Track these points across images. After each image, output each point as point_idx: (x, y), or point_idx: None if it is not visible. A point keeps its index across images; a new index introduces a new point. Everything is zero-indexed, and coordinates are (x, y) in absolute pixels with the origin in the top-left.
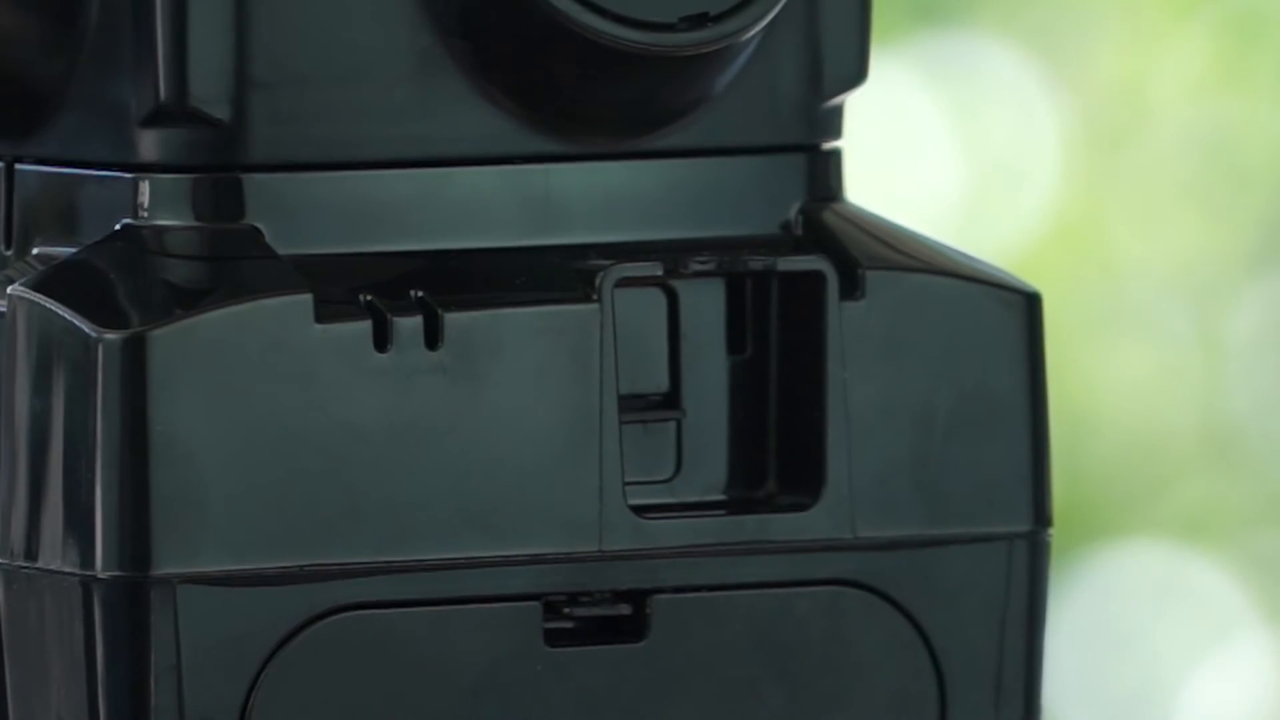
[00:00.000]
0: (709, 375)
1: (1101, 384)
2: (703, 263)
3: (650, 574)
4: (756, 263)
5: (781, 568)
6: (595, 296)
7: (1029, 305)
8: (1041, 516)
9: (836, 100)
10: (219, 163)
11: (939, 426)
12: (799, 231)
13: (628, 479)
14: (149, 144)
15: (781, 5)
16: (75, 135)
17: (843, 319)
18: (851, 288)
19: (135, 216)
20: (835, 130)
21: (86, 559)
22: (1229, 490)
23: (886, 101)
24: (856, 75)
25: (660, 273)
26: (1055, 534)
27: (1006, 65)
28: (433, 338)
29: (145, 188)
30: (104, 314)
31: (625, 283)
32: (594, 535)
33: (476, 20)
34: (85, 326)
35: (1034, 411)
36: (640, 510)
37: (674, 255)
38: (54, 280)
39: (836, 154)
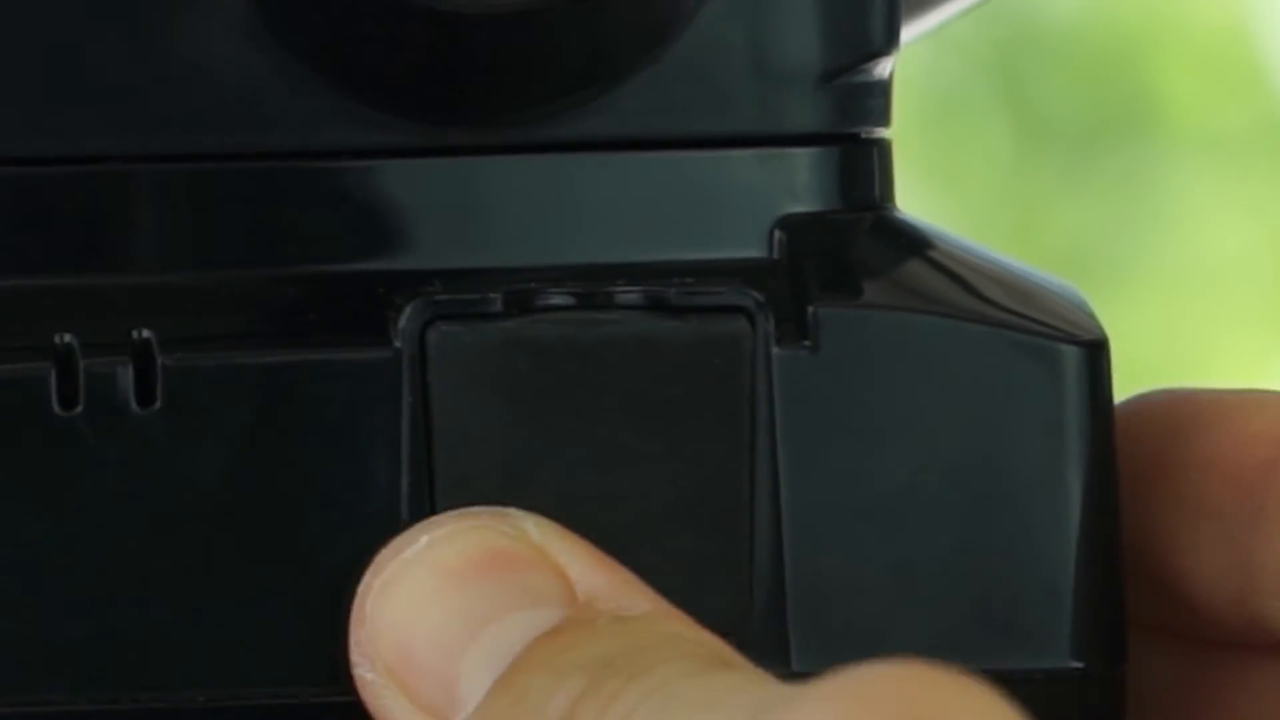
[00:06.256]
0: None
1: None
2: (562, 295)
3: None
4: (634, 295)
5: None
6: (395, 340)
7: (1084, 360)
8: (1097, 649)
9: (857, 76)
10: None
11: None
12: (775, 253)
13: None
14: None
15: None
16: None
17: (780, 373)
18: (796, 330)
19: None
20: (861, 116)
21: None
22: None
23: None
24: (881, 41)
25: (498, 309)
26: None
27: None
28: (146, 392)
29: None
30: None
31: (447, 323)
32: None
33: None
34: None
35: (1083, 515)
36: None
37: (532, 286)
38: None
39: (869, 147)
